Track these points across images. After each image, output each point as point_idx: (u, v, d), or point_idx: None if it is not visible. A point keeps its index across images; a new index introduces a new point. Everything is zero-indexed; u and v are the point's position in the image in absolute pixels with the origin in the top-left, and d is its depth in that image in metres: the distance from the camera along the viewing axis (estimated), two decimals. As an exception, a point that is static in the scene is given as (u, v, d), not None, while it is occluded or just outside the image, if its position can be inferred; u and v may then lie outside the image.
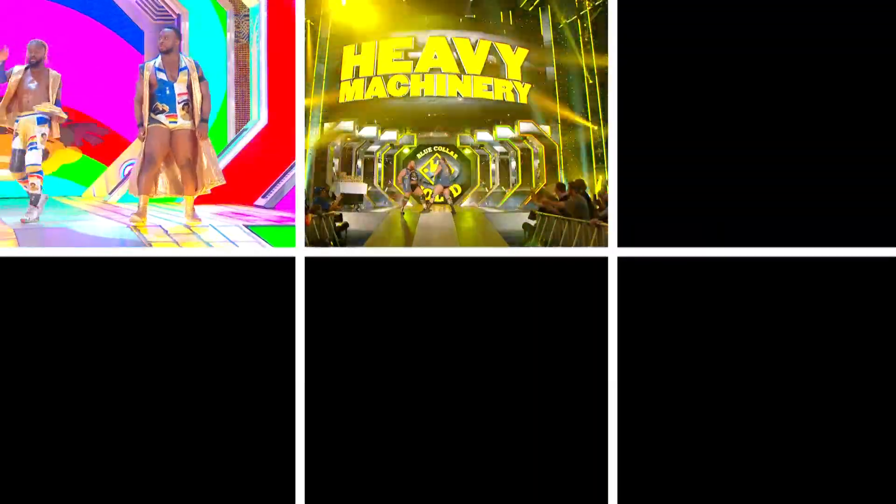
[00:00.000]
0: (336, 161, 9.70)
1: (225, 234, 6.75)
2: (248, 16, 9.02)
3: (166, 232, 6.85)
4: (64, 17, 9.21)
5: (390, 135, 9.98)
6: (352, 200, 9.49)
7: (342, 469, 5.72)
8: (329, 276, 5.75)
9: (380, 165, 10.16)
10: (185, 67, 7.13)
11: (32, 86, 7.07)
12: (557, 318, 5.71)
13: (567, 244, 7.55)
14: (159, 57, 7.13)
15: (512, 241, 8.35)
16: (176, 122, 7.11)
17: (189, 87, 7.12)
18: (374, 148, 10.06)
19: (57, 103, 7.14)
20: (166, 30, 7.24)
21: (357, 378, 5.74)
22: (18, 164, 7.06)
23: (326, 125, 9.53)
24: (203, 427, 5.74)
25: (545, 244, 8.12)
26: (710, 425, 5.67)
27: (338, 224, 8.84)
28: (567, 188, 8.64)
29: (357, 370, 5.74)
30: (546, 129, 9.68)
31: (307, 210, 7.73)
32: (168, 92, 7.09)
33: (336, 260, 5.78)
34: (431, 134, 9.97)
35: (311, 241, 7.57)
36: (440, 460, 5.71)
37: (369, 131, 9.83)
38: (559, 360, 5.70)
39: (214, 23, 9.22)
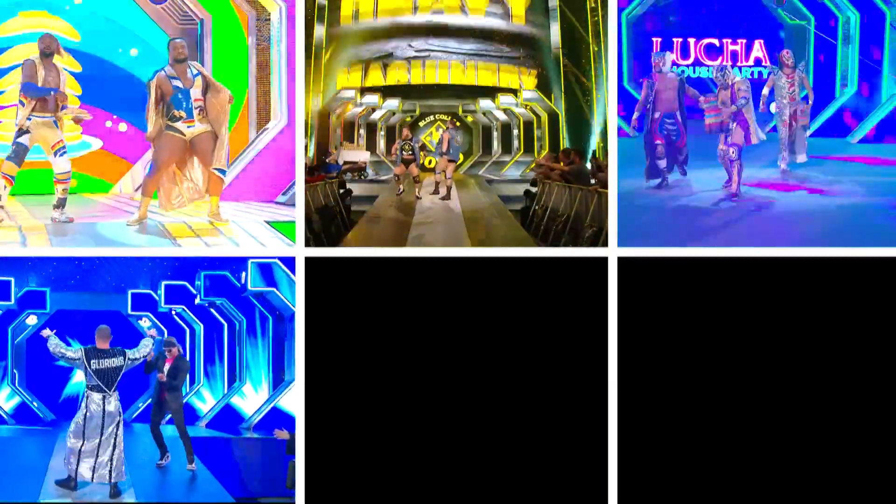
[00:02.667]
0: (338, 129, 9.64)
1: (247, 230, 6.76)
2: (269, 20, 9.00)
3: (190, 228, 6.83)
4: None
5: (392, 103, 9.88)
6: (354, 168, 9.46)
7: (342, 467, 5.78)
8: (329, 276, 5.76)
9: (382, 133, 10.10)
10: (199, 73, 7.04)
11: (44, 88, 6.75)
12: (557, 317, 5.71)
13: (567, 210, 7.55)
14: (168, 65, 7.01)
15: (514, 208, 8.33)
16: (193, 127, 7.02)
17: (203, 92, 7.03)
18: (376, 116, 9.98)
19: (63, 108, 6.90)
20: (179, 39, 7.12)
21: (357, 377, 5.76)
22: (16, 156, 6.82)
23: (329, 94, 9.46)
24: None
25: (545, 211, 8.11)
26: (709, 423, 5.69)
27: (342, 190, 8.84)
28: (571, 154, 8.60)
29: (357, 369, 5.76)
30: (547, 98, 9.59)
31: (308, 173, 7.73)
32: (184, 100, 6.98)
33: (336, 260, 5.79)
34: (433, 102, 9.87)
35: (316, 206, 7.56)
36: (441, 458, 5.76)
37: (371, 99, 9.74)
38: (559, 359, 5.72)
39: (236, 26, 9.22)
